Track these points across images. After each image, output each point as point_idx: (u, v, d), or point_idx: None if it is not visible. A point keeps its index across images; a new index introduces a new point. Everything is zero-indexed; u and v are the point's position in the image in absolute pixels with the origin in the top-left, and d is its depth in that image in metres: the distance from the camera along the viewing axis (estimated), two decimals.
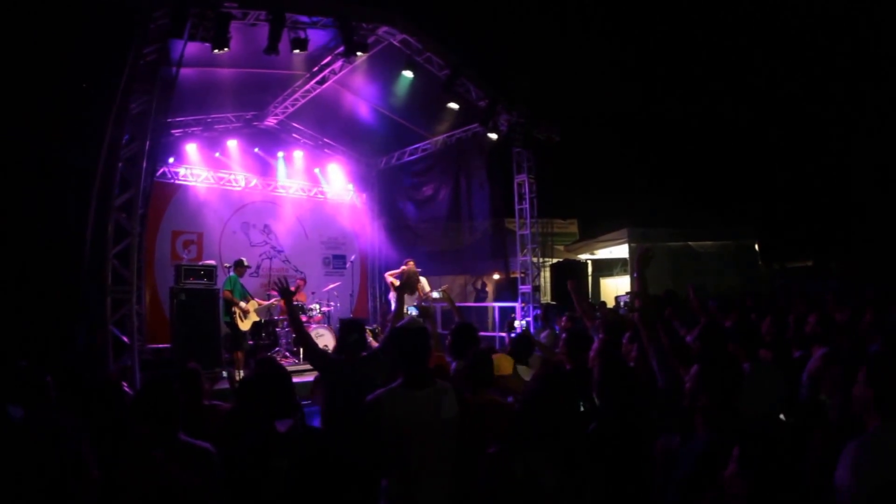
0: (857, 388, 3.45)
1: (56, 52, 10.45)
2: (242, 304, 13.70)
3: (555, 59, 22.69)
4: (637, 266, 5.24)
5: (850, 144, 28.61)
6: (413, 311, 12.93)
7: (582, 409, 4.71)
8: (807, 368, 5.48)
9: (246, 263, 14.49)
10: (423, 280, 13.83)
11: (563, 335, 6.93)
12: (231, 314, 13.58)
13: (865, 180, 28.36)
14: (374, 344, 11.96)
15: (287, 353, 14.34)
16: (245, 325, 13.78)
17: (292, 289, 14.41)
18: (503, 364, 5.85)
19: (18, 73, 10.40)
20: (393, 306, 13.35)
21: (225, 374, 12.54)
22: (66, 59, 10.57)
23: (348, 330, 6.40)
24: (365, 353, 6.27)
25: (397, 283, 13.83)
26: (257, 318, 14.21)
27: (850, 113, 28.48)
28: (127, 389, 9.32)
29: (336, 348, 7.80)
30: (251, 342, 14.21)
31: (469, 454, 4.25)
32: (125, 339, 9.96)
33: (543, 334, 11.57)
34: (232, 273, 13.94)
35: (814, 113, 28.90)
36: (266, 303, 14.61)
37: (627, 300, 17.17)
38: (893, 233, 26.04)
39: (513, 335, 10.87)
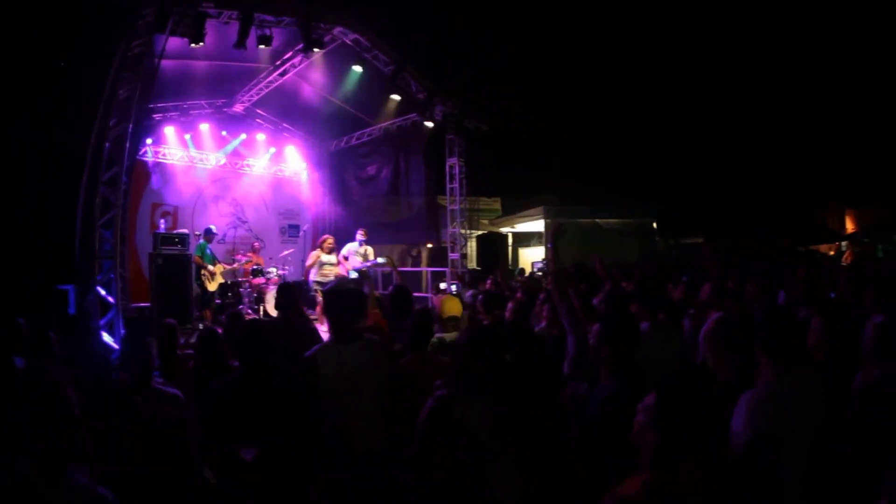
0: (755, 344, 3.58)
1: (57, 43, 10.52)
2: (210, 267, 13.88)
3: (484, 55, 22.97)
4: (551, 238, 5.27)
5: (738, 137, 29.45)
6: (353, 275, 13.33)
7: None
8: (702, 331, 5.19)
9: (215, 231, 14.68)
10: (369, 248, 14.12)
11: (480, 296, 7.03)
12: (201, 277, 13.84)
13: (750, 170, 29.31)
14: None
15: (249, 311, 14.57)
16: (212, 286, 13.98)
17: (250, 254, 14.73)
18: (453, 306, 5.92)
19: (21, 62, 10.45)
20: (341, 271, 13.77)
21: (201, 326, 12.72)
22: (64, 50, 10.64)
23: (283, 292, 6.76)
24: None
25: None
26: (223, 280, 14.39)
27: (738, 109, 29.32)
28: (112, 343, 9.58)
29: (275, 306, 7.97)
30: (218, 301, 14.33)
31: (402, 403, 4.27)
32: (110, 298, 10.19)
33: (468, 294, 11.88)
34: (202, 240, 14.10)
35: (706, 107, 29.69)
36: (230, 266, 14.82)
37: (542, 266, 17.65)
38: (770, 216, 27.13)
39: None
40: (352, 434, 4.28)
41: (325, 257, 13.54)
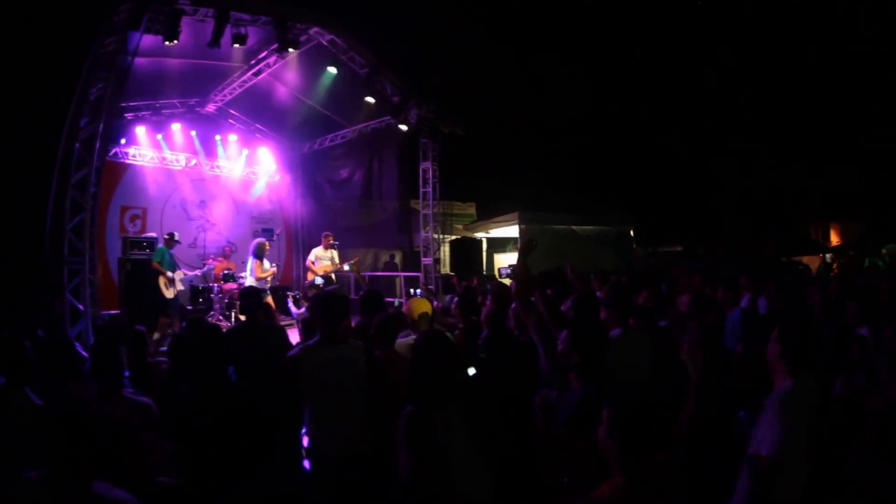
0: (770, 346, 3.64)
1: (29, 40, 10.35)
2: (170, 273, 13.61)
3: (462, 60, 23.02)
4: (521, 251, 5.33)
5: (718, 147, 29.71)
6: (319, 281, 13.32)
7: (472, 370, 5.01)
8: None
9: (177, 238, 14.24)
10: (335, 252, 14.19)
11: (455, 300, 7.29)
12: (158, 282, 13.57)
13: (731, 181, 29.60)
14: (294, 309, 12.31)
15: (220, 317, 14.41)
16: (170, 294, 13.52)
17: (221, 259, 14.61)
18: (422, 305, 6.06)
19: None
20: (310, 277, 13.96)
21: (169, 332, 12.52)
22: (37, 47, 10.47)
23: (243, 296, 6.91)
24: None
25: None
26: (182, 288, 14.01)
27: (718, 118, 29.58)
28: (82, 351, 9.42)
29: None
30: (190, 307, 14.18)
31: (379, 401, 4.41)
32: (80, 305, 10.14)
33: (447, 297, 11.98)
34: (161, 245, 13.78)
35: (685, 116, 29.94)
36: (191, 273, 14.72)
37: (509, 271, 17.74)
38: (752, 226, 27.41)
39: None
40: (334, 436, 4.33)
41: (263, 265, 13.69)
